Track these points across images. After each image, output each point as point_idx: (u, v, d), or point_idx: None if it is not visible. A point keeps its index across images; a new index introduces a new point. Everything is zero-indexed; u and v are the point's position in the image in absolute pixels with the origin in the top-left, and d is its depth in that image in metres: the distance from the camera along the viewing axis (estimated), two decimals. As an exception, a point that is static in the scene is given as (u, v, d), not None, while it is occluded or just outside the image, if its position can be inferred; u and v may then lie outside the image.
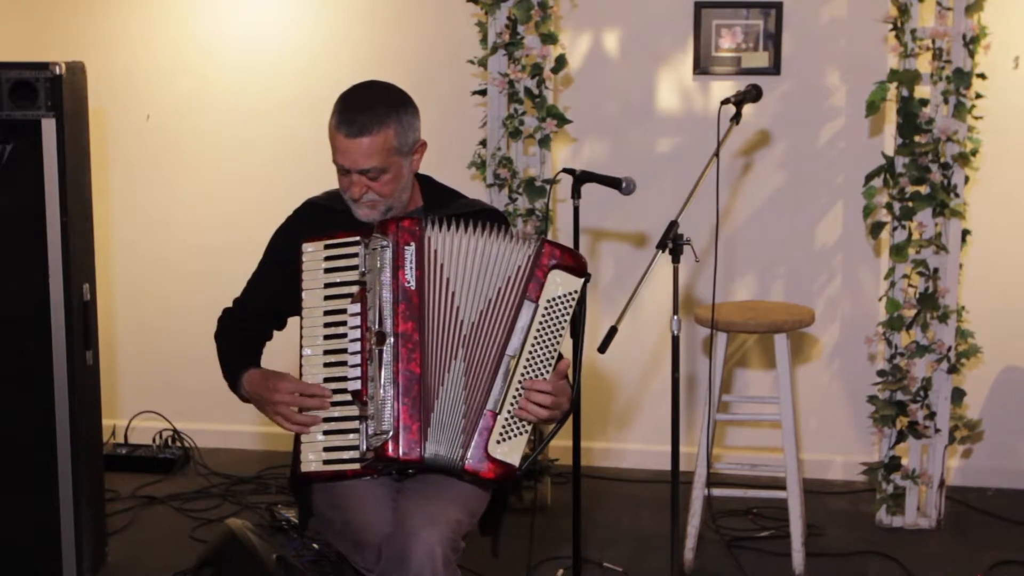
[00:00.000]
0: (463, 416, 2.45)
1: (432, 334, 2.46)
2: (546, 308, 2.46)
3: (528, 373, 2.45)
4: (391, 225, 2.47)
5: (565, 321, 2.49)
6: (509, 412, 2.44)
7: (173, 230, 4.81)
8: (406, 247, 2.45)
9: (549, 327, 2.47)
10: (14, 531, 3.42)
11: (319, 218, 2.66)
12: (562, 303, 2.48)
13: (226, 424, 4.81)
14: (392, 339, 2.42)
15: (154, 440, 4.72)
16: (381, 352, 2.42)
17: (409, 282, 2.45)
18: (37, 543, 3.42)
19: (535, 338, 2.46)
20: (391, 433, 2.39)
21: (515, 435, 2.45)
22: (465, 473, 2.45)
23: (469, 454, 2.43)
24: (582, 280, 2.50)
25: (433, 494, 2.48)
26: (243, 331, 2.74)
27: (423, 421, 2.42)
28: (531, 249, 2.49)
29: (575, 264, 2.50)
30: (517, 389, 2.45)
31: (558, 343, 2.48)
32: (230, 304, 2.79)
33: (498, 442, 2.43)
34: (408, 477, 2.56)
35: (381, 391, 2.41)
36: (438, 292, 2.47)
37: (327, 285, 2.49)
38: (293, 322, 2.63)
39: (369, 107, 2.50)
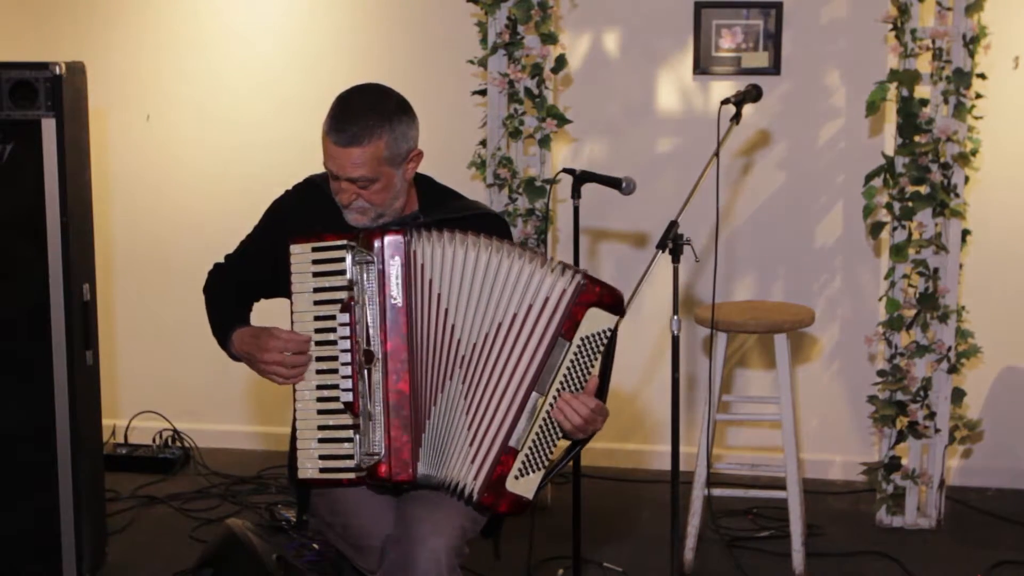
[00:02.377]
0: (469, 443, 2.38)
1: (423, 352, 2.39)
2: (579, 345, 2.37)
3: (554, 409, 2.39)
4: (376, 237, 2.38)
5: (596, 357, 2.40)
6: (530, 448, 2.39)
7: (173, 230, 4.81)
8: (391, 261, 2.37)
9: (580, 364, 2.39)
10: (14, 531, 3.42)
11: (316, 199, 2.61)
12: (596, 340, 2.39)
13: (226, 424, 4.82)
14: (380, 358, 2.37)
15: (154, 440, 4.72)
16: (370, 371, 2.37)
17: (395, 299, 2.37)
18: (37, 543, 3.42)
19: (564, 375, 2.38)
20: (382, 454, 2.36)
21: (534, 471, 2.41)
22: (480, 505, 2.40)
23: (484, 486, 2.37)
24: (618, 317, 2.41)
25: (439, 499, 2.45)
26: (232, 288, 2.69)
27: (414, 441, 2.38)
28: (566, 283, 2.36)
29: (614, 302, 2.39)
30: (541, 426, 2.39)
31: (587, 380, 2.41)
32: (222, 260, 2.76)
33: (516, 477, 2.39)
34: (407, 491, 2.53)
35: (371, 410, 2.37)
36: (428, 308, 2.39)
37: (316, 290, 2.43)
38: (282, 305, 2.60)
39: (361, 116, 2.43)
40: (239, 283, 2.70)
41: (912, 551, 3.83)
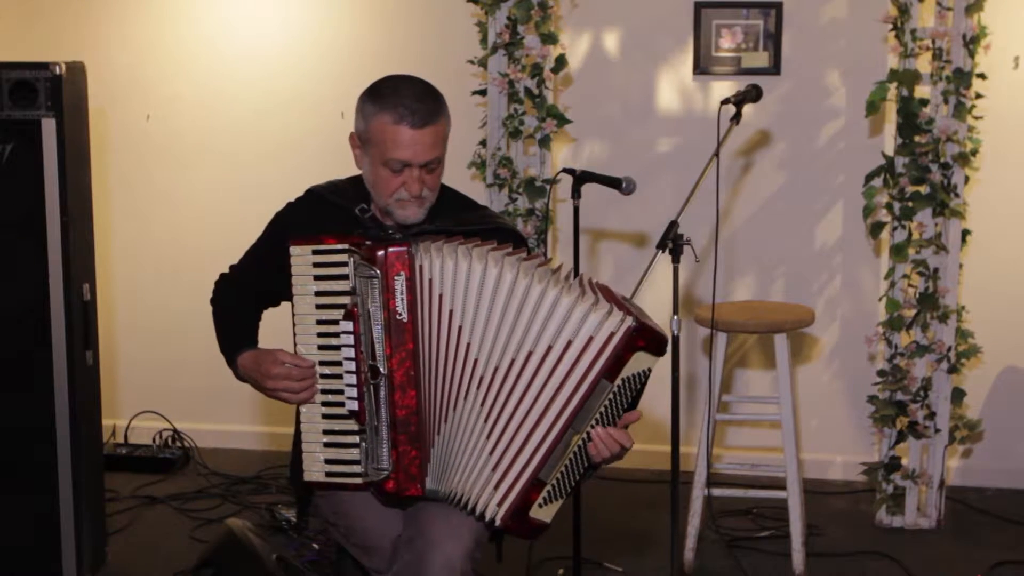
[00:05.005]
0: (492, 468, 2.33)
1: (432, 367, 2.34)
2: (619, 385, 2.31)
3: (586, 445, 2.34)
4: (378, 249, 2.31)
5: (632, 394, 2.33)
6: (557, 479, 2.36)
7: (173, 230, 4.81)
8: (396, 277, 2.31)
9: (617, 403, 2.32)
10: (14, 531, 3.42)
11: (319, 210, 2.58)
12: (635, 380, 2.33)
13: (226, 424, 4.82)
14: (385, 374, 2.32)
15: (154, 440, 4.72)
16: (376, 387, 2.33)
17: (400, 314, 2.31)
18: (37, 543, 3.42)
19: (601, 413, 2.32)
20: (390, 469, 2.34)
21: (556, 499, 2.39)
22: (500, 530, 2.39)
23: (508, 514, 2.34)
24: (659, 358, 2.34)
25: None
26: (239, 302, 2.67)
27: (422, 456, 2.35)
28: (614, 326, 2.24)
29: (660, 346, 2.30)
30: (571, 459, 2.35)
31: (619, 415, 2.35)
32: (227, 270, 2.73)
33: (540, 506, 2.37)
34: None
35: (378, 425, 2.34)
36: (438, 324, 2.33)
37: (318, 293, 2.40)
38: (285, 306, 2.58)
39: (426, 95, 2.44)
40: (245, 295, 2.67)
41: (912, 551, 3.83)
